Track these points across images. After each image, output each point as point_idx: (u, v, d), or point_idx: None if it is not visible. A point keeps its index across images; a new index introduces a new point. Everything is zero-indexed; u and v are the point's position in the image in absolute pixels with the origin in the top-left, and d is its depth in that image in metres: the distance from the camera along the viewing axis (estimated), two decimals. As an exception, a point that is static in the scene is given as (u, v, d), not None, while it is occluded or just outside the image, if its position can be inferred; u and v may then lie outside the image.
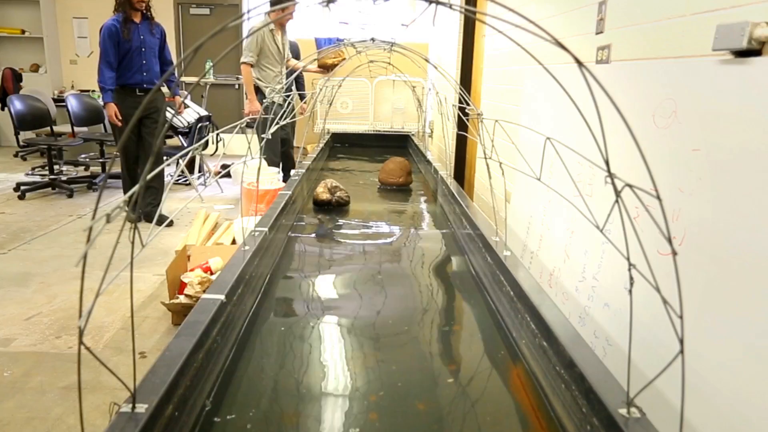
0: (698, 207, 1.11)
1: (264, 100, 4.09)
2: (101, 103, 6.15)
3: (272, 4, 3.96)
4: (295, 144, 4.64)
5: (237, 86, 7.66)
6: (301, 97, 4.69)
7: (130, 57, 3.94)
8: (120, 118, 3.87)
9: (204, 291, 1.42)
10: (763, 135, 0.94)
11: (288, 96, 4.08)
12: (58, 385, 2.07)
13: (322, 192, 2.29)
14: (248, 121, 2.03)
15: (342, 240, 1.94)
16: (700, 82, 1.14)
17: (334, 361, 1.12)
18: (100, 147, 5.64)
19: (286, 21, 4.22)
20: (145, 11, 3.94)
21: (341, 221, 2.15)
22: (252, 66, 4.12)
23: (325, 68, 4.18)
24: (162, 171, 4.09)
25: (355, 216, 2.24)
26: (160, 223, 3.98)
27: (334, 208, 2.29)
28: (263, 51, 4.12)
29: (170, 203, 4.81)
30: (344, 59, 4.01)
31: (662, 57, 1.37)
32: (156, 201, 4.11)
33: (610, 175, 0.66)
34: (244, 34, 6.64)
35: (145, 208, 4.04)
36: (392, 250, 1.85)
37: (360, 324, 1.29)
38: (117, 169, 5.94)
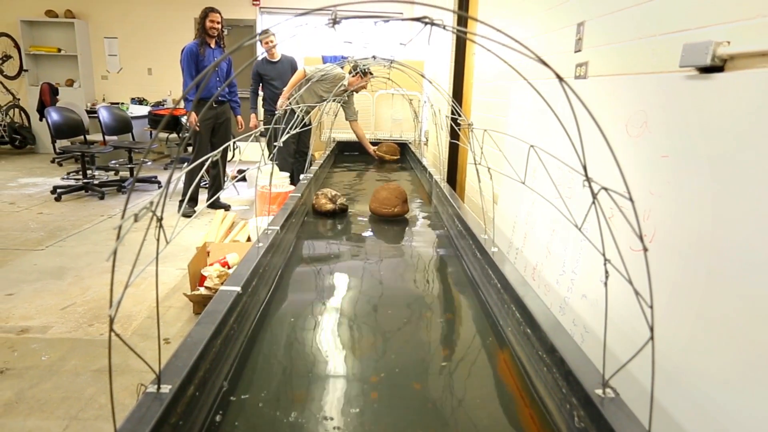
0: (667, 208, 1.11)
1: (277, 112, 4.07)
2: (129, 114, 6.18)
3: (353, 72, 3.91)
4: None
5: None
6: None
7: (209, 75, 4.15)
8: (198, 123, 4.18)
9: (222, 283, 1.42)
10: (725, 143, 0.94)
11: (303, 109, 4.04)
12: (90, 368, 2.07)
13: (324, 203, 2.17)
14: (261, 131, 2.03)
15: (345, 238, 1.94)
16: (669, 96, 1.14)
17: (338, 347, 1.12)
18: (129, 153, 5.64)
19: (359, 90, 4.15)
20: (217, 39, 4.27)
21: (344, 222, 2.15)
22: (305, 76, 4.03)
23: (381, 159, 4.08)
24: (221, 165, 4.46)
25: (356, 217, 2.24)
26: (219, 207, 4.37)
27: (337, 214, 2.21)
28: (318, 79, 4.05)
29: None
30: (398, 158, 3.97)
31: (634, 73, 1.38)
32: (218, 189, 4.50)
33: (588, 179, 0.66)
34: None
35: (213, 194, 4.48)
36: (390, 247, 1.85)
37: (362, 314, 1.29)
38: (144, 173, 5.96)
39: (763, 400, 0.81)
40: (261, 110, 5.06)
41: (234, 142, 1.34)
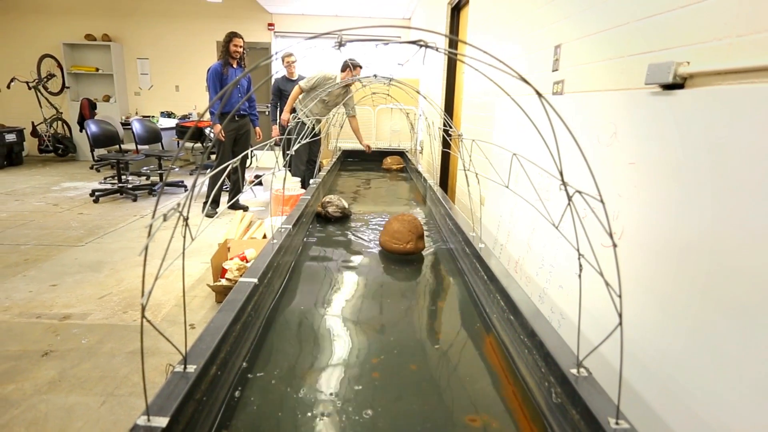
0: (634, 209, 1.11)
1: (289, 124, 4.07)
2: (159, 126, 6.18)
3: (342, 68, 3.93)
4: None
5: (267, 113, 7.67)
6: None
7: (230, 92, 4.18)
8: (223, 134, 4.19)
9: (241, 275, 1.42)
10: (685, 151, 0.94)
11: (312, 123, 4.07)
12: (124, 350, 2.07)
13: (316, 206, 2.16)
14: (276, 140, 2.03)
15: (349, 235, 1.94)
16: (635, 110, 1.14)
17: (343, 332, 1.12)
18: (158, 161, 5.64)
19: (351, 84, 4.14)
20: (239, 60, 4.22)
21: (348, 222, 2.14)
22: (302, 91, 4.07)
23: (387, 170, 4.05)
24: (241, 172, 4.55)
25: (356, 218, 2.23)
26: (238, 208, 4.40)
27: (327, 218, 2.10)
28: (316, 88, 4.06)
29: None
30: (403, 166, 3.95)
31: (605, 89, 1.38)
32: (238, 192, 4.55)
33: (564, 184, 0.66)
34: (273, 71, 6.63)
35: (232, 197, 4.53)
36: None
37: (365, 303, 1.29)
38: (172, 178, 5.95)
39: (718, 379, 0.81)
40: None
41: (251, 151, 1.34)
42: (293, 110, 4.21)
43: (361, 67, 3.67)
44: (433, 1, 4.93)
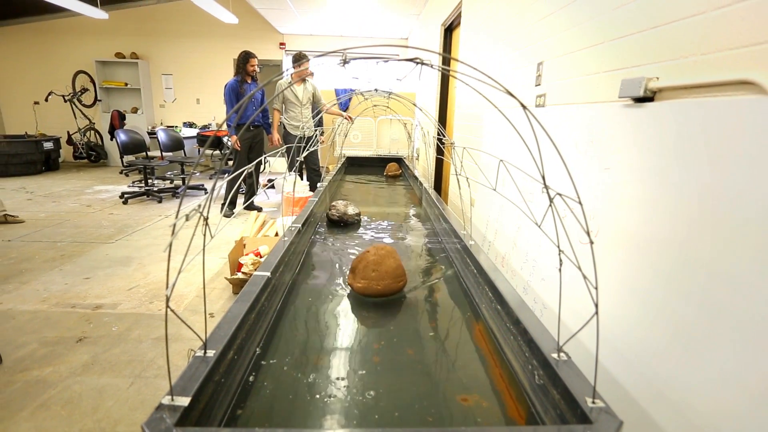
0: (609, 209, 1.11)
1: (295, 141, 4.09)
2: (182, 135, 6.18)
3: (293, 66, 4.01)
4: (321, 165, 4.60)
5: (279, 123, 7.67)
6: (319, 122, 4.69)
7: (245, 105, 4.21)
8: (239, 144, 4.19)
9: (255, 269, 1.42)
10: (654, 158, 0.94)
11: (310, 131, 4.09)
12: (150, 336, 2.07)
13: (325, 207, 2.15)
14: (286, 148, 2.03)
15: (351, 232, 1.93)
16: (610, 120, 1.14)
17: (347, 321, 1.12)
18: (181, 166, 5.64)
19: (305, 76, 4.24)
20: (254, 76, 4.23)
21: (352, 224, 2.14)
22: (279, 110, 4.27)
23: (392, 176, 4.03)
24: (254, 175, 4.49)
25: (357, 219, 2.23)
26: (253, 209, 4.41)
27: (334, 221, 2.02)
28: (286, 99, 4.21)
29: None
30: (401, 173, 3.94)
31: (583, 102, 1.38)
32: (252, 194, 4.54)
33: (546, 187, 0.66)
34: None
35: (247, 200, 4.58)
36: (388, 243, 1.84)
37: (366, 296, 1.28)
38: (193, 182, 5.95)
39: (685, 363, 0.81)
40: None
41: (265, 158, 1.34)
42: (284, 126, 4.32)
43: (308, 60, 3.71)
44: (428, 23, 4.93)
